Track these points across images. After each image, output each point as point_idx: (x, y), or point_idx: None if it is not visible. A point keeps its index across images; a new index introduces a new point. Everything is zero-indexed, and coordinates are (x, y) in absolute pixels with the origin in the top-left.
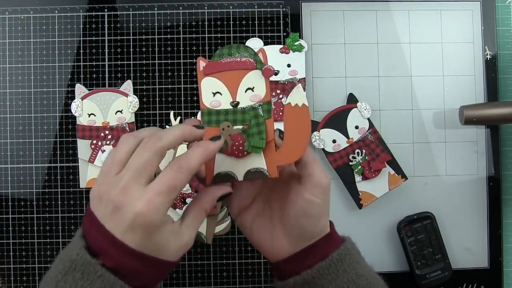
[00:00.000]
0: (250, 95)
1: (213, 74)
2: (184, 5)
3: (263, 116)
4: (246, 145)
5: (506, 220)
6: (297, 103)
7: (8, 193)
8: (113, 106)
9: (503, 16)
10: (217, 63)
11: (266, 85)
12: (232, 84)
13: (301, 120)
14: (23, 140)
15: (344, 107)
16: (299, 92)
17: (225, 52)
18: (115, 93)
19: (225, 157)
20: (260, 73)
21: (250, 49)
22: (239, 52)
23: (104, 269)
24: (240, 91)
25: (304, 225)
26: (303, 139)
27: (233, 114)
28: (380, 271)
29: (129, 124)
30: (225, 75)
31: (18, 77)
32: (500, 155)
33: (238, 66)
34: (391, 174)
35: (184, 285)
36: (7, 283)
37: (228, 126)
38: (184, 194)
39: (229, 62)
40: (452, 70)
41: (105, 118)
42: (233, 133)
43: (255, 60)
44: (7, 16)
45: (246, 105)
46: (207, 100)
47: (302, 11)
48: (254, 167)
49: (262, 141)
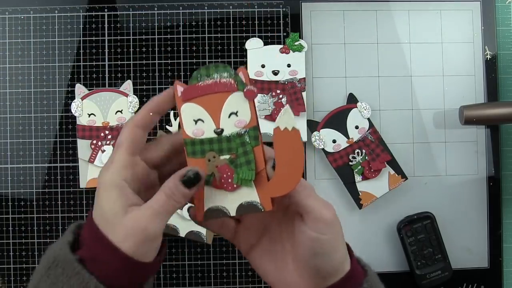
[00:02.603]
0: (234, 120)
1: (193, 100)
2: (184, 5)
3: (250, 143)
4: (235, 177)
5: (506, 220)
6: (286, 126)
7: (8, 193)
8: (113, 106)
9: (503, 16)
10: (195, 86)
11: (251, 108)
12: (214, 110)
13: (292, 145)
14: (23, 140)
15: (344, 107)
16: (287, 114)
17: (203, 73)
18: (115, 93)
19: (215, 190)
20: (242, 95)
21: (229, 69)
22: (217, 72)
23: (81, 266)
24: (223, 117)
25: (317, 265)
26: (296, 166)
27: (218, 143)
28: (380, 271)
29: None
30: (205, 99)
31: (18, 77)
32: (500, 155)
33: (218, 88)
34: (391, 174)
35: (184, 285)
36: (7, 283)
37: (214, 157)
38: None
39: (208, 84)
40: (452, 70)
41: (105, 118)
42: (220, 164)
43: (235, 80)
44: (7, 16)
45: (231, 132)
46: (189, 129)
47: (302, 11)
48: (246, 201)
49: (251, 172)
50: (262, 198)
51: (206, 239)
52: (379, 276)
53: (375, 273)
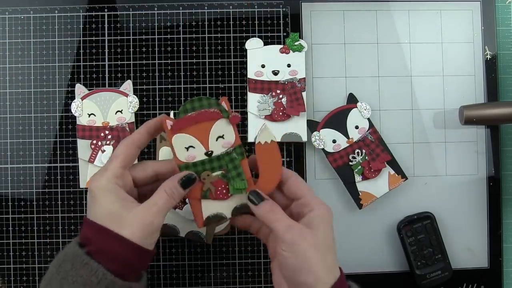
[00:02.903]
0: (221, 142)
1: (182, 130)
2: (184, 5)
3: (238, 158)
4: (231, 189)
5: (506, 220)
6: (266, 140)
7: (8, 193)
8: (113, 106)
9: (503, 16)
10: (183, 119)
11: (235, 131)
12: (202, 136)
13: (271, 155)
14: (23, 140)
15: (344, 107)
16: (266, 131)
17: (188, 107)
18: (115, 93)
19: (211, 201)
20: (225, 121)
21: (213, 100)
22: (202, 105)
23: (89, 258)
24: (211, 141)
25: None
26: (275, 171)
27: (210, 163)
28: (380, 271)
29: (129, 124)
30: (193, 129)
31: (18, 77)
32: (500, 155)
33: (204, 118)
34: (391, 174)
35: (184, 285)
36: (7, 283)
37: (208, 175)
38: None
39: (195, 116)
40: (452, 70)
41: (105, 118)
42: (214, 180)
43: (219, 109)
44: (7, 16)
45: (220, 152)
46: (181, 156)
47: (302, 11)
48: (240, 203)
49: (243, 182)
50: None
51: (206, 239)
52: (379, 276)
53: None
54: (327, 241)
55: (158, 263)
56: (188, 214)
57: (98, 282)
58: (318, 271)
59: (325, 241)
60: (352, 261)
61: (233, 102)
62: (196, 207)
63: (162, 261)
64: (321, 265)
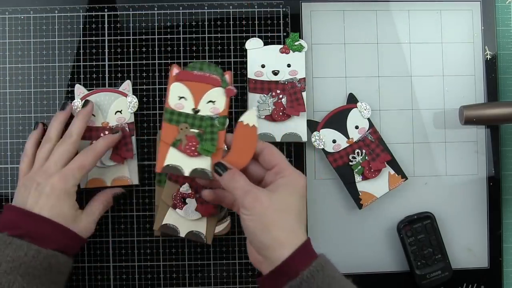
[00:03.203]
0: (210, 106)
1: (183, 81)
2: (184, 5)
3: (218, 127)
4: (199, 147)
5: (506, 220)
6: (248, 123)
7: (8, 193)
8: (112, 106)
9: (503, 16)
10: (188, 73)
11: (226, 103)
12: (197, 94)
13: (249, 138)
14: (23, 140)
15: (344, 107)
16: (253, 114)
17: (197, 66)
18: (114, 94)
19: (178, 152)
20: (222, 90)
21: (219, 69)
22: (209, 70)
23: (11, 237)
24: (202, 102)
25: (252, 242)
26: (247, 154)
27: (193, 118)
28: (380, 271)
29: (129, 124)
30: (193, 84)
31: (18, 77)
32: (500, 155)
33: (206, 80)
34: (391, 174)
35: (184, 285)
36: None
37: (186, 127)
38: (184, 194)
39: (199, 75)
40: (452, 70)
41: (104, 118)
42: (189, 134)
43: (221, 79)
44: (7, 16)
45: (205, 114)
46: (172, 102)
47: (302, 11)
48: (201, 167)
49: (213, 147)
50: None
51: (206, 239)
52: (379, 276)
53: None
54: (289, 205)
55: (158, 263)
56: (188, 214)
57: (33, 257)
58: (276, 232)
59: (286, 205)
60: (352, 261)
61: (233, 102)
62: (163, 151)
63: (162, 261)
64: (279, 227)
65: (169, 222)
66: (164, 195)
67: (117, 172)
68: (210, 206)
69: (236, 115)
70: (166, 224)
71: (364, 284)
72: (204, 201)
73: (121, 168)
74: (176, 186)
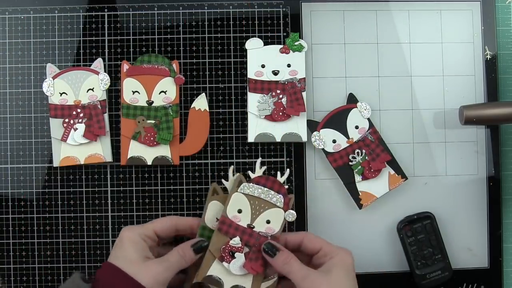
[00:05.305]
0: (162, 97)
1: (134, 76)
2: (184, 5)
3: (172, 115)
4: (157, 137)
5: (506, 220)
6: (200, 108)
7: (8, 193)
8: (84, 84)
9: (503, 16)
10: (138, 67)
11: (177, 91)
12: (149, 86)
13: (201, 122)
14: (23, 140)
15: (344, 107)
16: (203, 99)
17: (145, 59)
18: (86, 72)
19: (138, 144)
20: (172, 80)
21: (166, 60)
22: (157, 61)
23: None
24: (155, 93)
25: None
26: (202, 137)
27: (148, 110)
28: (380, 271)
29: (101, 102)
30: (144, 78)
31: (18, 77)
32: (500, 155)
33: (155, 72)
34: (391, 174)
35: None
36: (7, 283)
37: (143, 120)
38: (233, 247)
39: (148, 68)
40: (452, 70)
41: (76, 96)
42: (147, 126)
43: (169, 69)
44: (7, 16)
45: (159, 105)
46: (127, 97)
47: (302, 11)
48: (161, 155)
49: (170, 135)
50: (173, 155)
51: None
52: (378, 276)
53: None
54: (345, 286)
55: None
56: (235, 269)
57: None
58: None
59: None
60: None
61: (233, 102)
62: (125, 145)
63: None
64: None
65: (214, 274)
66: (212, 246)
67: (90, 150)
68: (258, 264)
69: (237, 115)
70: (211, 276)
71: (364, 284)
72: (253, 257)
73: (94, 145)
74: (225, 238)
